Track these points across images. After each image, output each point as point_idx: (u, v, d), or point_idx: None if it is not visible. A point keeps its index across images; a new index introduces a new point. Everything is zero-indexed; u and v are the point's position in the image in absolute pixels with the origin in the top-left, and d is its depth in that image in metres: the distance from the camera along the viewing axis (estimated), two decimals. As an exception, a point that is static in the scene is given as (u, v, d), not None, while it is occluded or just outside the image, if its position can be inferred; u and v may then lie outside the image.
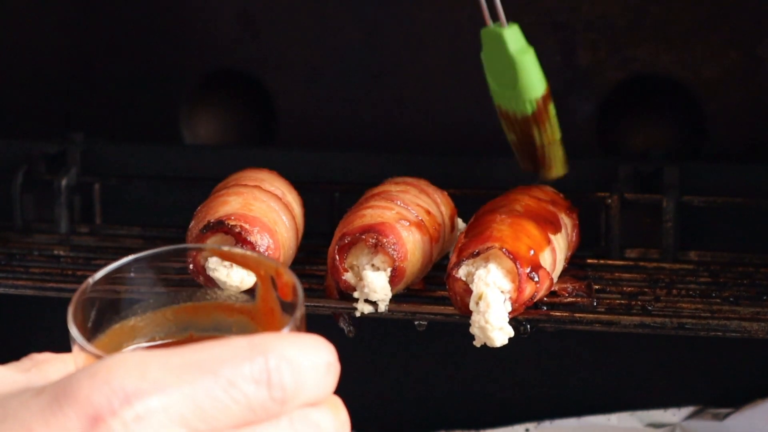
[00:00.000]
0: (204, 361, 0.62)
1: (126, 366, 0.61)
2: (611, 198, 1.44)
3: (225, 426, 0.62)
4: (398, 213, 1.28)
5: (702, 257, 1.44)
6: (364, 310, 1.25)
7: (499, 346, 1.18)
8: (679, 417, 1.57)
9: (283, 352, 0.63)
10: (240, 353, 0.62)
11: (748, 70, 1.54)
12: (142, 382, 0.61)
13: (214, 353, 0.62)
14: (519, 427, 1.61)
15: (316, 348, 0.65)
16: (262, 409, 0.63)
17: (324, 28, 1.64)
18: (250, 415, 0.62)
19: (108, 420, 0.60)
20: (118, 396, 0.60)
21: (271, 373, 0.62)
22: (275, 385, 0.63)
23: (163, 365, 0.62)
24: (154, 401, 0.60)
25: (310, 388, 0.64)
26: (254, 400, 0.62)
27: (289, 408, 0.64)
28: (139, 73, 1.70)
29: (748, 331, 1.22)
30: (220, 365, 0.62)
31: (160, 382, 0.61)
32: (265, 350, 0.63)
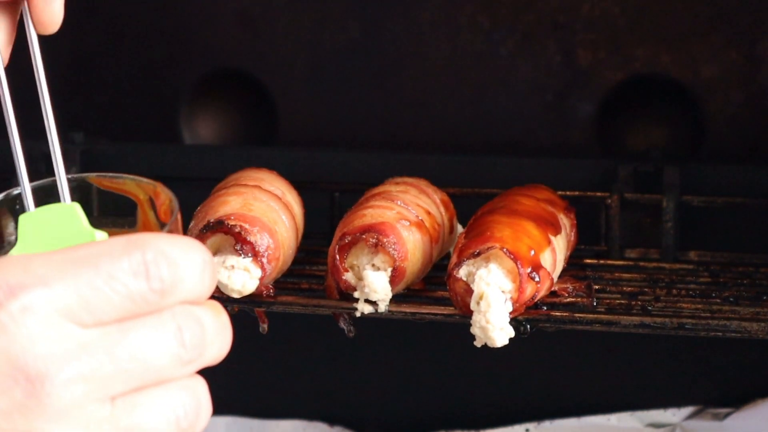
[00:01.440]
0: (85, 257, 0.65)
1: (9, 264, 0.65)
2: (611, 198, 1.44)
3: (110, 318, 0.65)
4: (399, 213, 1.28)
5: (702, 257, 1.44)
6: (364, 310, 1.25)
7: (499, 346, 1.18)
8: (679, 417, 1.57)
9: (159, 246, 0.67)
10: (119, 249, 0.66)
11: (748, 70, 1.54)
12: (26, 276, 0.64)
13: (94, 250, 0.66)
14: (519, 427, 1.61)
15: (192, 246, 0.68)
16: (143, 301, 0.66)
17: (324, 28, 1.64)
18: (132, 307, 0.66)
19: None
20: (3, 290, 0.63)
21: (148, 265, 0.66)
22: (153, 276, 0.66)
23: (46, 262, 0.65)
24: (38, 293, 0.64)
25: (187, 282, 0.67)
26: (134, 291, 0.65)
27: (170, 301, 0.67)
28: (139, 73, 1.70)
29: (748, 331, 1.22)
30: (100, 259, 0.65)
31: (44, 276, 0.64)
32: (142, 245, 0.66)
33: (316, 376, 1.67)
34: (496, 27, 1.58)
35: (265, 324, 1.33)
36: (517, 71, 1.59)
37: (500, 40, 1.58)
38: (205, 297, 0.69)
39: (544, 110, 1.59)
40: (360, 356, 1.65)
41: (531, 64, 1.59)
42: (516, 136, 1.61)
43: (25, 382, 0.63)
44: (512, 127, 1.61)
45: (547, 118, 1.60)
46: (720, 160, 1.55)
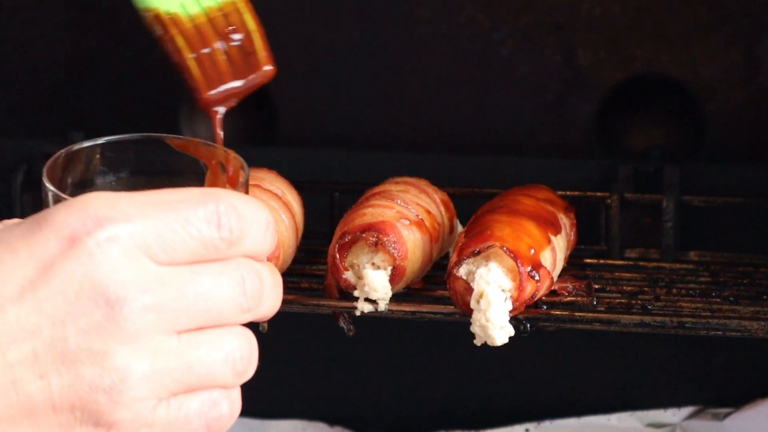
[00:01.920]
0: (166, 201, 0.71)
1: (98, 198, 0.70)
2: (611, 198, 1.45)
3: (182, 258, 0.71)
4: (399, 212, 1.29)
5: (702, 257, 1.44)
6: (364, 309, 1.25)
7: (499, 344, 1.18)
8: (679, 417, 1.57)
9: (231, 201, 0.73)
10: (196, 198, 0.72)
11: (748, 70, 1.54)
12: (113, 211, 0.70)
13: (174, 196, 0.72)
14: (519, 427, 1.61)
15: (259, 206, 0.75)
16: (213, 247, 0.72)
17: (324, 27, 1.64)
18: (202, 251, 0.71)
19: (84, 239, 0.69)
20: (92, 220, 0.69)
21: (221, 215, 0.72)
22: (224, 226, 0.72)
23: (131, 201, 0.71)
24: (122, 227, 0.69)
25: (252, 237, 0.73)
26: (206, 236, 0.71)
27: (236, 252, 0.73)
28: (139, 73, 1.70)
29: (748, 330, 1.22)
30: (179, 204, 0.71)
31: (128, 213, 0.70)
32: (216, 198, 0.72)
33: (316, 376, 1.67)
34: (496, 27, 1.58)
35: (265, 324, 1.33)
36: (517, 71, 1.59)
37: (500, 40, 1.58)
38: (265, 254, 0.75)
39: (544, 110, 1.59)
40: (360, 356, 1.65)
41: (531, 64, 1.59)
42: (516, 136, 1.61)
43: (105, 305, 0.68)
44: (512, 127, 1.61)
45: (547, 118, 1.60)
46: (720, 160, 1.55)
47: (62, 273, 0.68)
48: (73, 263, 0.68)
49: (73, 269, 0.68)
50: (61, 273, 0.68)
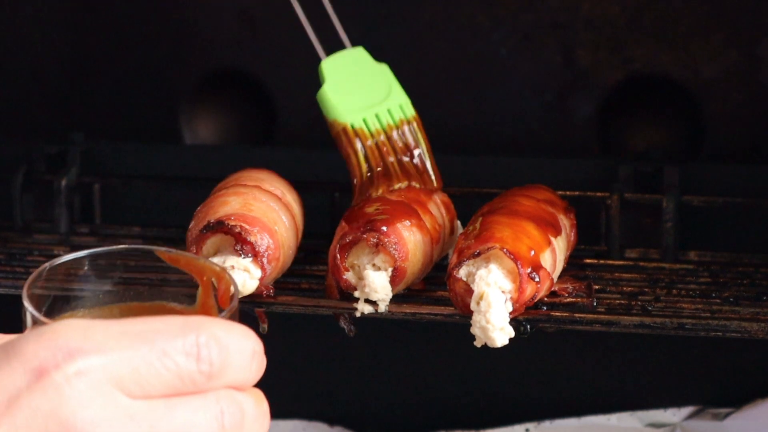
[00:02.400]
0: (142, 332, 0.68)
1: (71, 328, 0.68)
2: (611, 198, 1.45)
3: (157, 392, 0.68)
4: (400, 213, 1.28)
5: (702, 257, 1.44)
6: (365, 310, 1.25)
7: (499, 346, 1.18)
8: (679, 417, 1.57)
9: (213, 331, 0.70)
10: (175, 328, 0.69)
11: (748, 70, 1.54)
12: (85, 342, 0.67)
13: (152, 326, 0.69)
14: (519, 427, 1.61)
15: (244, 335, 0.72)
16: (190, 381, 0.69)
17: (324, 27, 1.63)
18: (179, 385, 0.69)
19: (51, 373, 0.66)
20: (62, 352, 0.66)
21: (200, 348, 0.69)
22: (203, 359, 0.69)
23: (105, 331, 0.68)
24: (94, 360, 0.66)
25: (235, 369, 0.71)
26: (183, 370, 0.68)
27: (216, 384, 0.70)
28: (139, 73, 1.70)
29: (748, 331, 1.22)
30: (156, 336, 0.68)
31: (102, 344, 0.67)
32: (197, 328, 0.69)
33: (316, 376, 1.67)
34: (496, 27, 1.58)
35: (265, 324, 1.33)
36: (517, 71, 1.59)
37: (500, 40, 1.58)
38: (250, 384, 0.73)
39: (544, 110, 1.59)
40: (360, 356, 1.65)
41: (531, 64, 1.59)
42: (516, 136, 1.61)
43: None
44: (512, 127, 1.61)
45: (547, 118, 1.60)
46: (720, 160, 1.55)
47: (27, 408, 0.65)
48: (40, 398, 0.65)
49: (39, 404, 0.65)
50: (27, 408, 0.65)
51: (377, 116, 1.37)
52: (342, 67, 1.39)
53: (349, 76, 1.38)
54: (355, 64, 1.40)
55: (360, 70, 1.40)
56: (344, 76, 1.38)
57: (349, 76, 1.38)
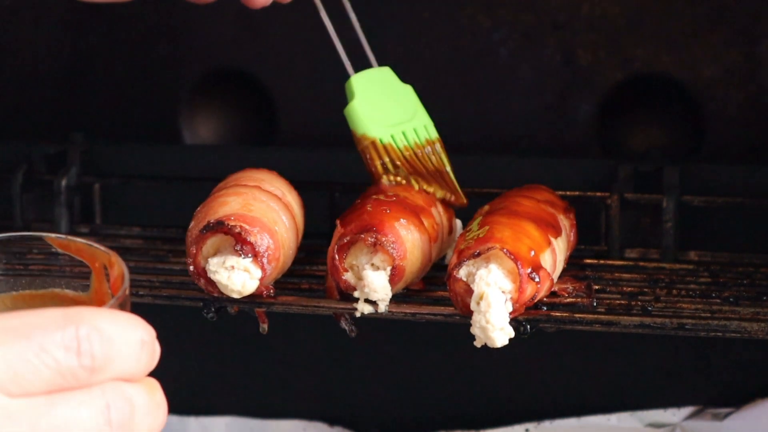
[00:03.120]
0: (18, 327, 0.65)
1: None
2: (611, 198, 1.44)
3: (37, 390, 0.65)
4: (397, 212, 1.28)
5: (702, 257, 1.44)
6: (364, 311, 1.25)
7: (499, 346, 1.18)
8: (679, 417, 1.57)
9: (95, 323, 0.66)
10: (53, 321, 0.65)
11: (748, 70, 1.54)
12: None
13: (28, 320, 0.66)
14: (519, 427, 1.61)
15: (130, 324, 0.68)
16: (72, 376, 0.65)
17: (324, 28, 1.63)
18: (60, 381, 0.65)
19: None
20: None
21: (81, 341, 0.65)
22: (84, 352, 0.65)
23: None
24: None
25: (121, 361, 0.67)
26: (64, 366, 0.65)
27: (100, 378, 0.67)
28: (139, 73, 1.70)
29: (748, 331, 1.22)
30: (32, 330, 0.65)
31: None
32: (77, 320, 0.66)
33: (316, 376, 1.67)
34: (496, 27, 1.58)
35: (265, 324, 1.33)
36: (517, 71, 1.59)
37: (500, 40, 1.58)
38: (140, 375, 0.69)
39: (544, 110, 1.59)
40: (360, 356, 1.65)
41: (531, 64, 1.59)
42: (516, 136, 1.61)
43: None
44: (512, 127, 1.61)
45: (547, 118, 1.60)
46: (720, 160, 1.55)
47: None
48: None
49: None
50: None
51: (404, 134, 1.39)
52: (370, 83, 1.41)
53: (376, 93, 1.41)
54: (382, 82, 1.42)
55: (386, 88, 1.42)
56: (372, 93, 1.40)
57: (376, 93, 1.41)
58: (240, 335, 1.66)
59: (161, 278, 1.36)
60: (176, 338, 1.65)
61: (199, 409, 1.68)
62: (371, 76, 1.42)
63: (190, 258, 1.24)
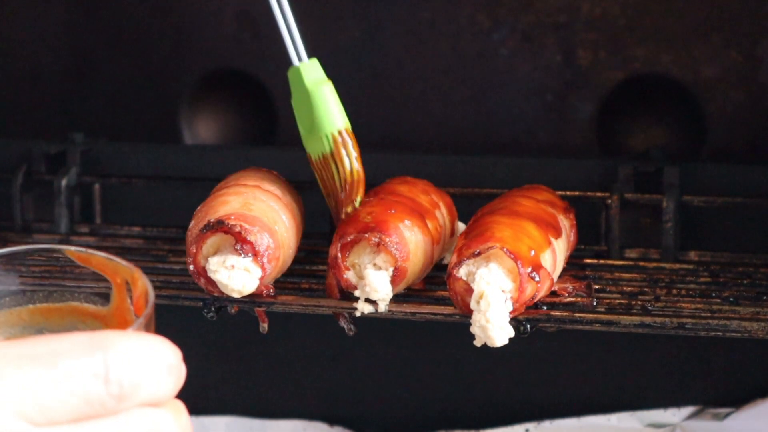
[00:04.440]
0: (44, 354, 0.63)
1: None
2: (611, 198, 1.44)
3: (63, 419, 0.63)
4: (401, 213, 1.28)
5: (702, 257, 1.44)
6: (365, 310, 1.25)
7: (499, 345, 1.18)
8: (679, 417, 1.57)
9: (122, 349, 0.64)
10: (80, 347, 0.63)
11: (748, 70, 1.54)
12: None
13: (54, 346, 0.63)
14: (519, 427, 1.61)
15: (158, 348, 0.66)
16: (100, 404, 0.63)
17: (324, 28, 1.64)
18: (87, 409, 0.63)
19: None
20: None
21: (109, 368, 0.63)
22: (113, 380, 0.63)
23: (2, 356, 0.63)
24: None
25: (148, 386, 0.65)
26: (91, 394, 0.63)
27: (127, 405, 0.64)
28: (139, 73, 1.70)
29: (748, 330, 1.22)
30: (59, 358, 0.63)
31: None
32: (105, 346, 0.64)
33: (316, 376, 1.67)
34: (496, 27, 1.58)
35: (265, 324, 1.33)
36: (517, 71, 1.59)
37: (500, 40, 1.59)
38: (167, 399, 0.67)
39: (544, 110, 1.59)
40: (360, 356, 1.65)
41: (531, 64, 1.59)
42: (516, 136, 1.61)
43: None
44: (512, 127, 1.61)
45: (547, 118, 1.60)
46: (720, 160, 1.55)
47: None
48: None
49: None
50: None
51: None
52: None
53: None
54: None
55: None
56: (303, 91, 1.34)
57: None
58: (240, 335, 1.66)
59: (161, 278, 1.36)
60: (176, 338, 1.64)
61: (199, 409, 1.68)
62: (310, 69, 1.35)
63: (190, 257, 1.24)
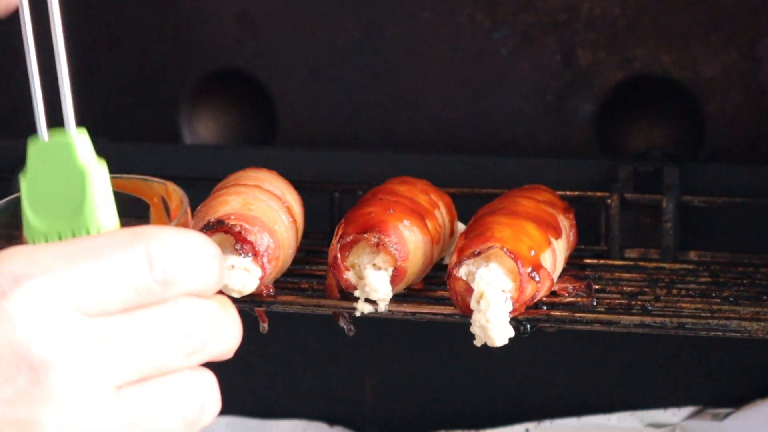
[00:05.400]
0: (89, 248, 0.66)
1: (14, 254, 0.66)
2: (611, 198, 1.45)
3: (114, 308, 0.65)
4: (400, 213, 1.28)
5: (702, 257, 1.44)
6: (364, 310, 1.25)
7: (499, 345, 1.18)
8: (679, 417, 1.57)
9: (163, 238, 0.67)
10: (123, 240, 0.67)
11: (748, 70, 1.54)
12: (30, 266, 0.64)
13: (98, 242, 0.67)
14: (519, 427, 1.61)
15: (198, 240, 0.69)
16: (147, 291, 0.66)
17: (324, 28, 1.64)
18: (135, 297, 0.66)
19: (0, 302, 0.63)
20: (8, 279, 0.64)
21: (151, 256, 0.66)
22: (156, 267, 0.66)
23: (50, 252, 0.66)
24: (42, 282, 0.64)
25: (192, 274, 0.68)
26: (138, 282, 0.66)
27: (173, 293, 0.67)
28: (139, 73, 1.70)
29: (748, 330, 1.22)
30: (103, 251, 0.66)
31: (48, 266, 0.65)
32: (146, 238, 0.67)
33: (316, 376, 1.67)
34: (496, 27, 1.58)
35: (265, 324, 1.33)
36: (517, 71, 1.59)
37: (500, 40, 1.59)
38: (211, 290, 0.70)
39: (544, 110, 1.59)
40: (360, 356, 1.65)
41: (531, 64, 1.59)
42: (516, 136, 1.61)
43: (29, 369, 0.63)
44: (512, 127, 1.61)
45: (547, 118, 1.60)
46: (720, 160, 1.55)
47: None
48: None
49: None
50: None
51: None
52: None
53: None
54: None
55: None
56: None
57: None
58: (240, 335, 1.66)
59: None
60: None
61: (199, 409, 1.68)
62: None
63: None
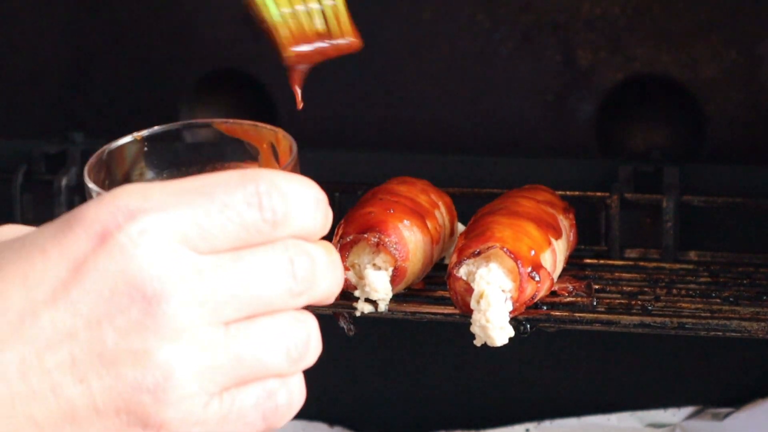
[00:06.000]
0: (201, 187, 0.68)
1: (130, 191, 0.67)
2: (611, 198, 1.45)
3: (223, 245, 0.67)
4: (400, 213, 1.28)
5: (702, 257, 1.44)
6: (364, 310, 1.25)
7: (499, 345, 1.18)
8: (679, 417, 1.57)
9: (273, 180, 0.69)
10: (233, 180, 0.68)
11: (748, 70, 1.54)
12: (145, 202, 0.66)
13: (210, 180, 0.68)
14: (519, 427, 1.61)
15: (306, 183, 0.71)
16: (256, 230, 0.68)
17: (324, 28, 1.63)
18: (245, 236, 0.68)
19: (115, 234, 0.65)
20: (123, 213, 0.66)
21: (261, 196, 0.68)
22: (266, 207, 0.68)
23: (164, 189, 0.68)
24: (156, 218, 0.66)
25: (300, 217, 0.70)
26: (247, 219, 0.68)
27: (282, 233, 0.69)
28: (139, 73, 1.70)
29: (748, 330, 1.22)
30: (215, 189, 0.68)
31: (162, 202, 0.67)
32: (256, 178, 0.69)
33: (316, 376, 1.66)
34: (496, 27, 1.58)
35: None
36: (517, 71, 1.59)
37: (500, 40, 1.58)
38: (317, 234, 0.71)
39: (544, 110, 1.59)
40: (360, 356, 1.65)
41: (531, 64, 1.59)
42: (516, 136, 1.61)
43: (142, 300, 0.65)
44: (512, 127, 1.61)
45: (547, 118, 1.60)
46: (720, 160, 1.55)
47: (95, 271, 0.65)
48: (106, 260, 0.65)
49: (106, 266, 0.65)
50: (94, 271, 0.65)
51: None
52: None
53: None
54: None
55: None
56: None
57: None
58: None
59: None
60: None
61: (198, 409, 1.68)
62: None
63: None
